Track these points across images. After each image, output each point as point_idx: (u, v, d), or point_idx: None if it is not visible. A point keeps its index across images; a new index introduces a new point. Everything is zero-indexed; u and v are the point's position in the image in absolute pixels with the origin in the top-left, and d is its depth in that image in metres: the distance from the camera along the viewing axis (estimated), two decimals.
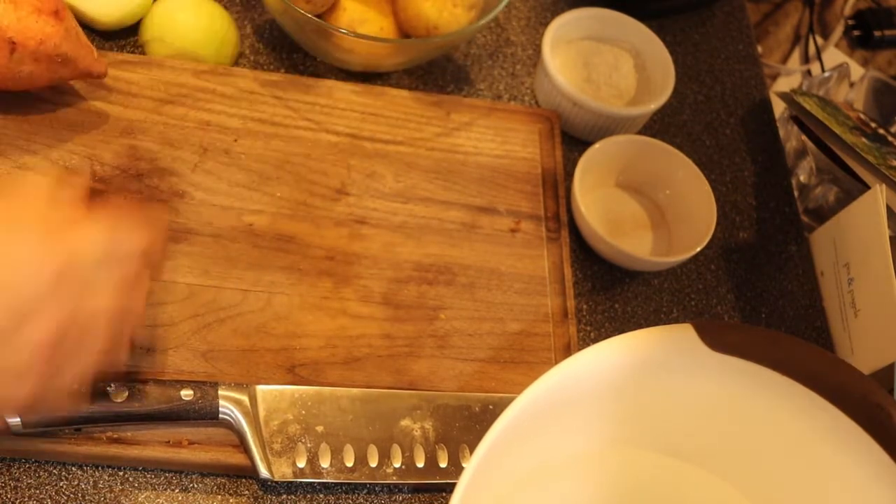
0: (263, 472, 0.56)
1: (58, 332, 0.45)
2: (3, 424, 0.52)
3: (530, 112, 0.78)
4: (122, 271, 0.49)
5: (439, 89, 0.79)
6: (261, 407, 0.58)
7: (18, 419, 0.52)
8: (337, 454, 0.58)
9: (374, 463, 0.58)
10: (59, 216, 0.48)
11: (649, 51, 0.81)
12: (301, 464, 0.57)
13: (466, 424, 0.61)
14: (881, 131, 0.81)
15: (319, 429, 0.59)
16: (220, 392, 0.57)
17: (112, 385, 0.55)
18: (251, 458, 0.56)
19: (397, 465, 0.59)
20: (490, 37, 0.84)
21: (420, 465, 0.59)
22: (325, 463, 0.57)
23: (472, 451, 0.60)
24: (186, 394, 0.56)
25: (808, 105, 0.78)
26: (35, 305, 0.45)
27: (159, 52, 0.71)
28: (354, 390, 0.61)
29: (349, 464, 0.58)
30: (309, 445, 0.58)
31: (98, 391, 0.54)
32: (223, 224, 0.65)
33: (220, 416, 0.56)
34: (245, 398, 0.57)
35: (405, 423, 0.60)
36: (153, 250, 0.51)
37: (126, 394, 0.55)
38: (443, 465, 0.60)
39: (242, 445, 0.57)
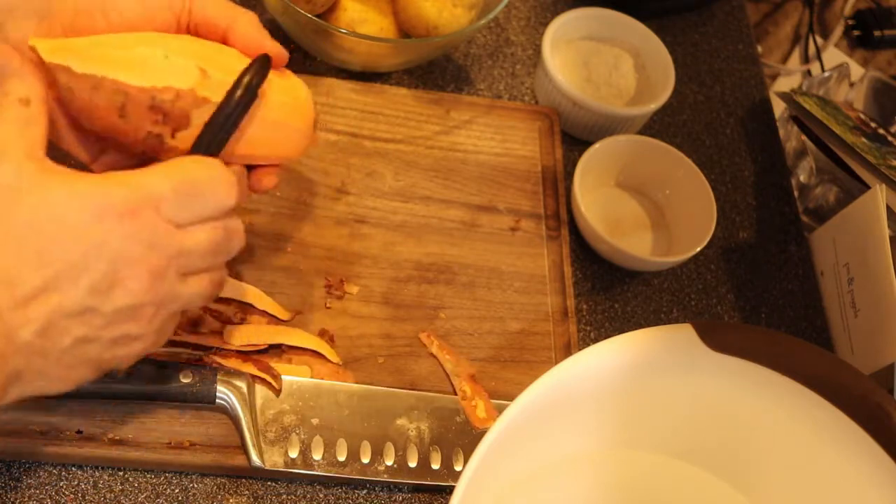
0: (255, 459, 0.56)
1: (151, 280, 0.44)
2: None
3: (530, 109, 0.78)
4: (210, 207, 0.46)
5: (439, 89, 0.79)
6: (258, 395, 0.58)
7: None
8: (330, 448, 0.58)
9: (366, 459, 0.58)
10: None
11: (649, 51, 0.81)
12: (293, 454, 0.57)
13: (463, 428, 0.61)
14: (881, 131, 0.81)
15: (315, 421, 0.59)
16: (219, 377, 0.57)
17: None
18: (244, 444, 0.57)
19: (389, 462, 0.59)
20: (490, 37, 0.84)
21: (412, 464, 0.59)
22: (317, 455, 0.58)
23: (466, 455, 0.60)
24: (185, 377, 0.56)
25: (808, 105, 0.78)
26: (112, 266, 0.43)
27: None
28: (353, 386, 0.61)
29: (341, 458, 0.58)
30: (303, 437, 0.58)
31: None
32: None
33: (217, 401, 0.57)
34: (243, 385, 0.58)
35: (401, 422, 0.60)
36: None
37: (126, 372, 0.55)
38: (435, 466, 0.60)
39: (237, 431, 0.57)
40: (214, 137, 0.49)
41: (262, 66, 0.50)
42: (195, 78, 0.49)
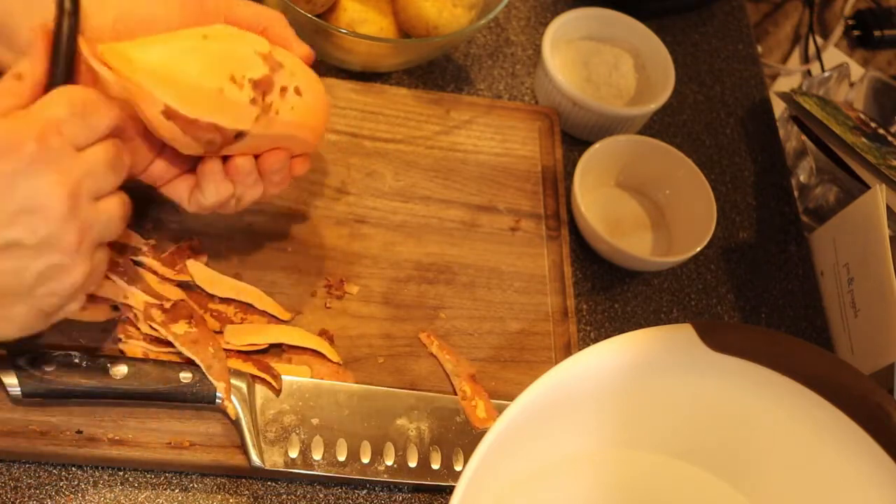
0: (255, 459, 0.56)
1: (68, 202, 0.44)
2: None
3: (530, 109, 0.78)
4: (102, 124, 0.47)
5: (439, 89, 0.79)
6: (258, 395, 0.58)
7: (18, 389, 0.53)
8: (330, 448, 0.58)
9: (366, 459, 0.58)
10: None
11: (649, 51, 0.81)
12: (293, 454, 0.57)
13: (463, 428, 0.61)
14: (881, 131, 0.81)
15: (315, 421, 0.59)
16: None
17: (112, 362, 0.55)
18: (244, 444, 0.57)
19: (389, 462, 0.59)
20: (490, 37, 0.84)
21: (412, 464, 0.59)
22: (317, 455, 0.58)
23: (466, 455, 0.60)
24: (185, 376, 0.56)
25: (808, 105, 0.78)
26: (28, 195, 0.43)
27: None
28: (353, 386, 0.61)
29: (341, 458, 0.58)
30: (303, 437, 0.58)
31: (98, 368, 0.55)
32: (223, 224, 0.65)
33: (217, 401, 0.57)
34: (243, 385, 0.58)
35: (401, 422, 0.60)
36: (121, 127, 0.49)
37: (126, 371, 0.55)
38: (435, 466, 0.60)
39: (237, 431, 0.57)
40: (66, 55, 0.49)
41: None
42: (268, 45, 0.53)
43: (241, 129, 0.52)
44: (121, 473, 0.57)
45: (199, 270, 0.62)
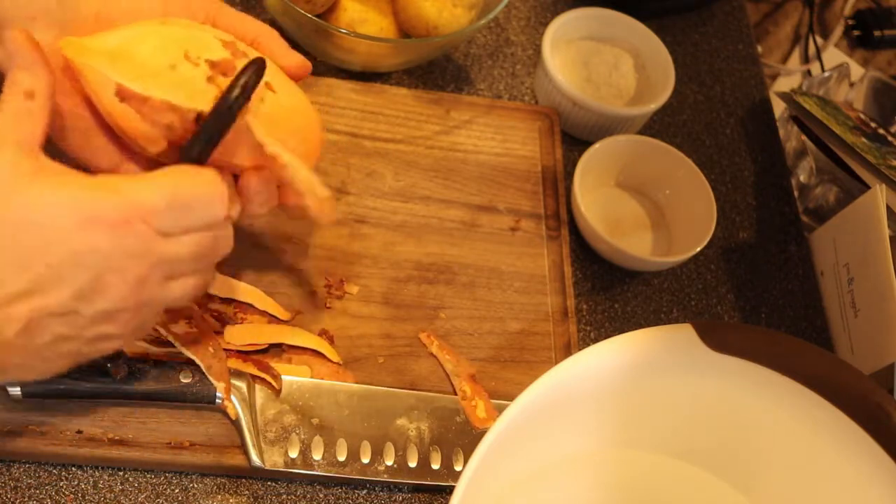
0: (255, 459, 0.56)
1: (133, 288, 0.44)
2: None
3: (530, 109, 0.78)
4: (201, 220, 0.46)
5: (439, 89, 0.79)
6: (258, 395, 0.58)
7: (18, 389, 0.53)
8: (330, 448, 0.58)
9: (366, 459, 0.58)
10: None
11: (649, 51, 0.81)
12: (293, 454, 0.57)
13: (463, 428, 0.61)
14: (881, 131, 0.81)
15: (315, 421, 0.59)
16: None
17: (111, 363, 0.55)
18: (244, 444, 0.57)
19: (389, 462, 0.59)
20: (490, 37, 0.84)
21: (412, 464, 0.59)
22: (317, 455, 0.58)
23: (466, 455, 0.60)
24: (185, 376, 0.56)
25: (808, 105, 0.78)
26: (96, 273, 0.42)
27: None
28: (353, 386, 0.61)
29: (341, 458, 0.58)
30: (303, 437, 0.58)
31: (98, 368, 0.55)
32: None
33: (217, 401, 0.57)
34: (243, 385, 0.58)
35: (401, 422, 0.60)
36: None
37: (126, 372, 0.55)
38: (435, 466, 0.60)
39: (237, 431, 0.57)
40: (209, 137, 0.49)
41: (259, 68, 0.50)
42: (231, 38, 0.52)
43: (198, 110, 0.50)
44: (121, 473, 0.57)
45: None
